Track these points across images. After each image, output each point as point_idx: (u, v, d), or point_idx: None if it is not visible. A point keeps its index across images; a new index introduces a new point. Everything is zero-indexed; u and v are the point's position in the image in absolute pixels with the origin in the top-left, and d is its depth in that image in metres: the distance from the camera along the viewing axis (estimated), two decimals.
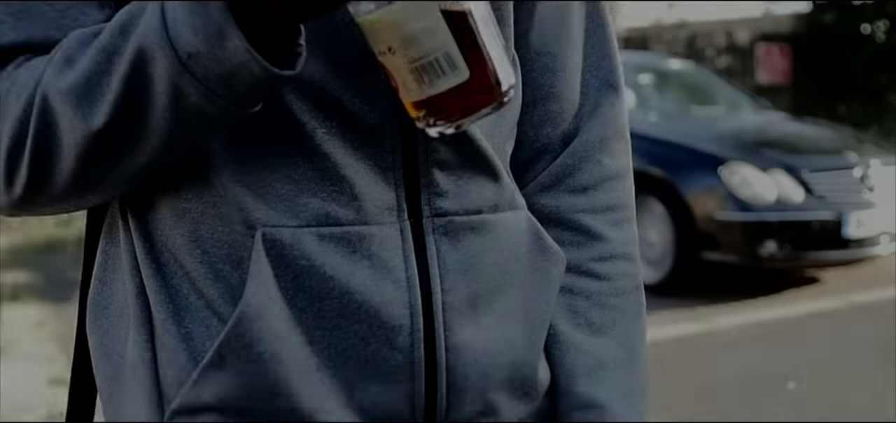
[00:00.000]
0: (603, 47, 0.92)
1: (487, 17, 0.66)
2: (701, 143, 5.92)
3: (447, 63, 0.63)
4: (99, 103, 0.65)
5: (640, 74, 7.49)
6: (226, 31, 0.61)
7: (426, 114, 0.66)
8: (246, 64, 0.61)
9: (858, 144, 6.42)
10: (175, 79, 0.62)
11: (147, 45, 0.62)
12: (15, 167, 0.70)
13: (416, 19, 0.62)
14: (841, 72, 13.26)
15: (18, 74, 0.69)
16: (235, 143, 0.73)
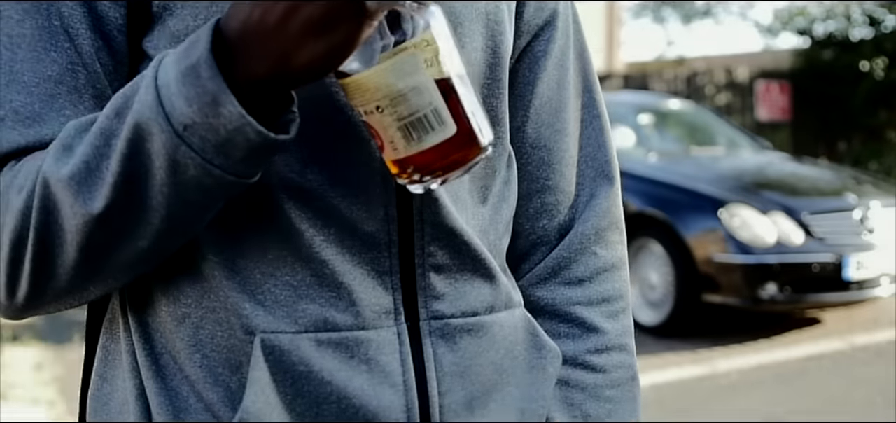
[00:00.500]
0: (598, 138, 0.93)
1: (464, 75, 0.68)
2: (700, 184, 5.94)
3: (435, 119, 0.65)
4: (99, 187, 0.66)
5: (639, 114, 7.53)
6: (220, 98, 0.62)
7: (413, 170, 0.67)
8: (241, 129, 0.62)
9: (858, 185, 6.43)
10: (172, 152, 0.63)
11: (143, 121, 0.64)
12: (19, 261, 0.70)
13: (405, 77, 0.64)
14: (840, 109, 13.31)
15: (21, 168, 0.71)
16: (235, 249, 0.74)
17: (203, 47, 0.63)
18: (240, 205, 0.73)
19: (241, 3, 0.63)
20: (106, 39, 0.74)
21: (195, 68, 0.62)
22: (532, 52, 0.89)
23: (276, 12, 0.61)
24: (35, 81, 0.71)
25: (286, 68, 0.63)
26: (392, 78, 0.64)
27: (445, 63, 0.65)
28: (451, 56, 0.66)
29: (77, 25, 0.72)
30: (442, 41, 0.65)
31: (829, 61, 13.76)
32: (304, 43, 0.62)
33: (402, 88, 0.64)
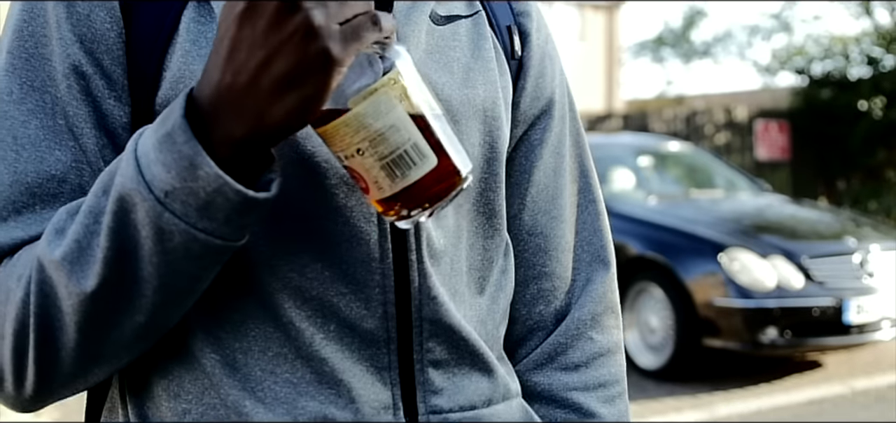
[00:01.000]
0: (594, 223, 0.95)
1: (436, 107, 0.69)
2: (700, 228, 5.95)
3: (416, 153, 0.66)
4: (91, 264, 0.67)
5: (639, 157, 7.56)
6: (196, 161, 0.63)
7: (400, 207, 0.68)
8: (220, 189, 0.64)
9: (857, 228, 6.45)
10: (156, 220, 0.65)
11: (126, 192, 0.65)
12: (23, 351, 0.71)
13: (382, 117, 0.65)
14: (839, 148, 13.35)
15: (20, 256, 0.72)
16: (236, 346, 0.75)
17: (177, 114, 0.64)
18: (241, 302, 0.74)
19: (212, 69, 0.65)
20: (111, 137, 0.75)
21: (170, 135, 0.64)
22: (529, 141, 0.91)
23: (246, 73, 0.63)
24: (38, 182, 0.73)
25: (262, 126, 0.64)
26: (369, 120, 0.65)
27: (416, 98, 0.66)
28: (421, 90, 0.67)
29: (82, 125, 0.74)
30: (409, 77, 0.67)
31: (828, 100, 13.82)
32: (277, 99, 0.63)
33: (380, 127, 0.65)
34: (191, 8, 0.75)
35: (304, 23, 0.61)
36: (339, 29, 0.62)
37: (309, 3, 0.61)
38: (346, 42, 0.62)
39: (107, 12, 0.75)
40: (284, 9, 0.61)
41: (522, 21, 0.92)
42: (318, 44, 0.61)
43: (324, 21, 0.61)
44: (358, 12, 0.63)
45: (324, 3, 0.62)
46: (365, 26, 0.63)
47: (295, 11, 0.61)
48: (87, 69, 0.74)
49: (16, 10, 0.76)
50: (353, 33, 0.63)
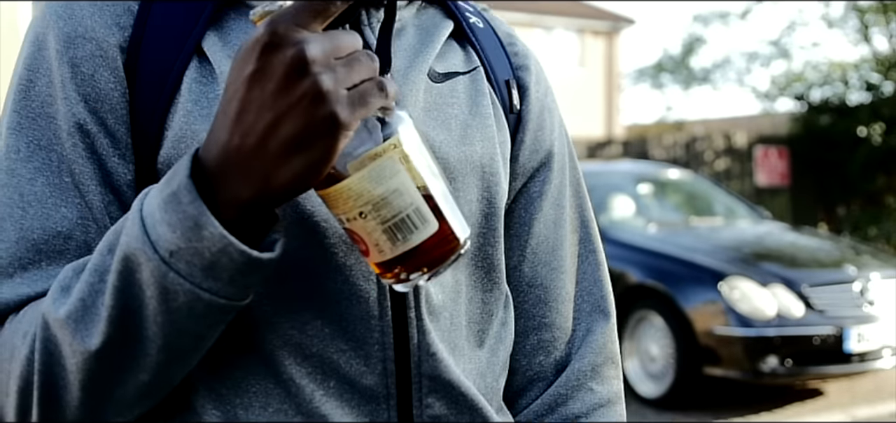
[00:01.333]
0: (594, 273, 0.95)
1: (436, 170, 0.69)
2: (700, 256, 5.95)
3: (418, 218, 0.67)
4: (95, 323, 0.67)
5: (639, 184, 7.57)
6: (201, 222, 0.64)
7: (400, 270, 0.69)
8: (225, 249, 0.64)
9: (856, 256, 6.45)
10: (161, 279, 0.65)
11: (131, 252, 0.65)
12: (27, 409, 0.71)
13: (385, 181, 0.66)
14: (839, 174, 13.37)
15: (25, 313, 0.73)
16: (238, 403, 0.75)
17: (183, 175, 0.65)
18: (242, 359, 0.75)
19: (219, 130, 0.65)
20: (116, 194, 0.76)
21: (176, 195, 0.64)
22: (528, 193, 0.92)
23: (254, 136, 0.63)
24: (44, 239, 0.74)
25: (269, 188, 0.64)
26: (373, 184, 0.66)
27: (417, 163, 0.67)
28: (422, 155, 0.68)
29: (88, 182, 0.75)
30: (411, 143, 0.67)
31: (827, 127, 13.86)
32: (285, 162, 0.63)
33: (383, 192, 0.66)
34: (193, 68, 0.77)
35: (312, 87, 0.62)
36: (347, 94, 0.63)
37: (318, 68, 0.62)
38: (354, 107, 0.63)
39: (111, 72, 0.76)
40: (294, 73, 0.62)
41: (521, 75, 0.93)
42: (326, 108, 0.62)
43: (332, 86, 0.62)
44: (365, 78, 0.64)
45: (332, 68, 0.62)
46: (372, 92, 0.64)
47: (304, 75, 0.62)
48: (92, 128, 0.75)
49: (21, 68, 0.77)
50: (361, 99, 0.63)
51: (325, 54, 0.62)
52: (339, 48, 0.63)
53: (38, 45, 0.77)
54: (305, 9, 0.62)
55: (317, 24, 0.63)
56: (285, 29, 0.62)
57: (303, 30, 0.62)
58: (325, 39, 0.63)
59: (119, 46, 0.77)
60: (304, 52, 0.61)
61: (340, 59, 0.63)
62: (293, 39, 0.62)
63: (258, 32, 0.63)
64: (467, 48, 0.90)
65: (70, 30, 0.76)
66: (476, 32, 0.91)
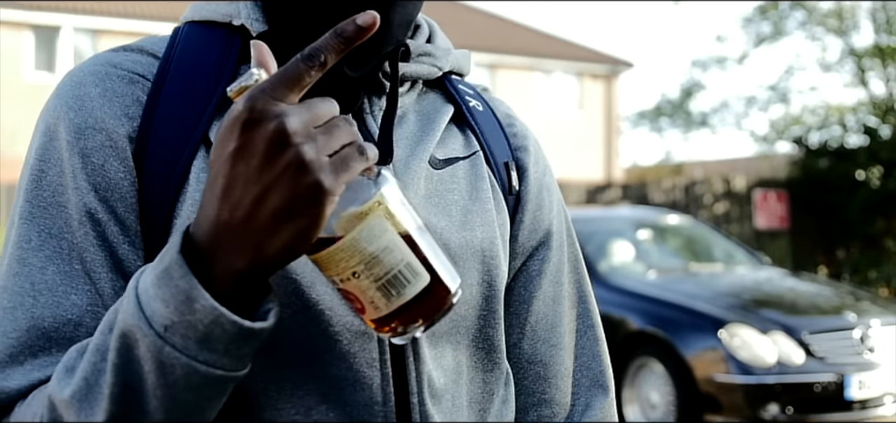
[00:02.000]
0: (593, 348, 0.97)
1: (422, 225, 0.71)
2: (700, 303, 5.96)
3: (409, 273, 0.68)
4: (98, 401, 0.68)
5: (638, 230, 7.59)
6: (193, 295, 0.65)
7: (397, 324, 0.70)
8: (217, 321, 0.65)
9: (856, 302, 6.45)
10: (157, 354, 0.66)
11: (127, 329, 0.67)
12: None
13: (375, 240, 0.67)
14: (838, 217, 13.41)
15: (34, 396, 0.74)
16: None
17: (173, 251, 0.66)
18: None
19: (207, 206, 0.67)
20: (126, 280, 0.78)
21: (168, 271, 0.66)
22: (527, 272, 0.94)
23: (242, 209, 0.65)
24: (55, 326, 0.75)
25: (260, 258, 0.66)
26: (364, 244, 0.67)
27: (402, 218, 0.69)
28: (406, 210, 0.70)
29: (98, 269, 0.77)
30: (394, 199, 0.69)
31: (825, 170, 13.91)
32: (274, 232, 0.65)
33: (374, 250, 0.67)
34: (200, 158, 0.79)
35: (295, 158, 0.63)
36: (329, 161, 0.64)
37: (298, 139, 0.63)
38: (337, 173, 0.64)
39: (120, 162, 0.78)
40: (275, 146, 0.63)
41: (520, 156, 0.95)
42: (310, 177, 0.63)
43: (314, 155, 0.63)
44: (345, 143, 0.65)
45: (312, 137, 0.64)
46: (353, 157, 0.65)
47: (286, 148, 0.63)
48: (103, 216, 0.77)
49: (33, 158, 0.79)
50: (343, 164, 0.65)
51: (305, 124, 0.64)
52: (317, 116, 0.65)
53: (50, 135, 0.79)
54: (281, 81, 0.64)
55: (293, 95, 0.64)
56: (263, 104, 0.63)
57: (280, 102, 0.64)
58: (303, 110, 0.64)
59: (128, 137, 0.79)
60: (284, 124, 0.63)
61: (319, 127, 0.65)
62: (272, 113, 0.63)
63: (237, 109, 0.64)
64: (467, 132, 0.92)
65: (80, 121, 0.79)
66: (475, 116, 0.93)
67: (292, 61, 0.65)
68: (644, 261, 7.11)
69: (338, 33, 0.65)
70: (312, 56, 0.64)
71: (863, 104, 15.29)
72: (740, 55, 16.80)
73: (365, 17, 0.66)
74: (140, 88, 0.81)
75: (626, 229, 7.49)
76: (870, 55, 15.17)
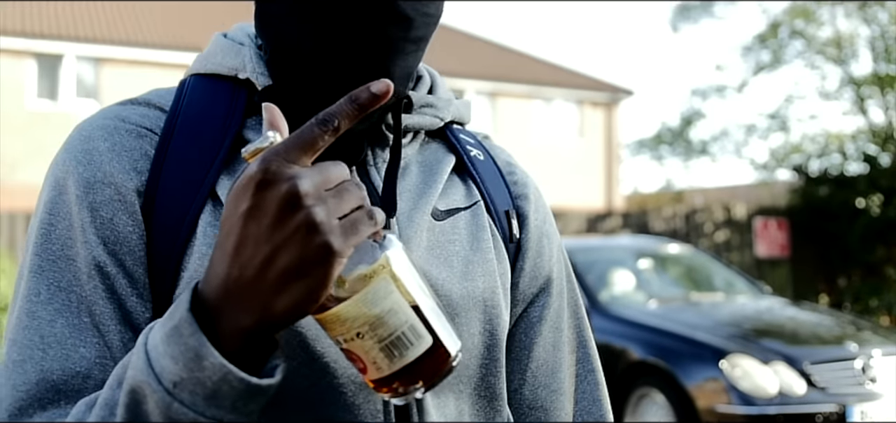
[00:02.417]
0: (593, 392, 0.98)
1: (425, 288, 0.72)
2: (700, 333, 5.95)
3: (412, 335, 0.69)
4: None
5: (639, 259, 7.59)
6: (201, 353, 0.66)
7: (398, 385, 0.71)
8: (226, 378, 0.66)
9: (858, 331, 6.44)
10: (166, 410, 0.67)
11: (136, 384, 0.68)
12: None
13: (380, 302, 0.68)
14: (838, 245, 13.41)
15: None
16: None
17: (183, 308, 0.67)
18: None
19: (217, 264, 0.68)
20: (135, 333, 0.79)
21: (177, 328, 0.67)
22: (528, 318, 0.95)
23: (252, 268, 0.66)
24: (64, 378, 0.76)
25: (268, 316, 0.67)
26: (368, 305, 0.68)
27: (407, 281, 0.70)
28: (411, 274, 0.71)
29: (107, 322, 0.78)
30: (400, 262, 0.70)
31: (825, 198, 13.93)
32: (282, 291, 0.66)
33: (379, 312, 0.68)
34: (207, 212, 0.80)
35: (306, 220, 0.64)
36: (339, 223, 0.66)
37: (310, 201, 0.65)
38: (346, 235, 0.66)
39: (129, 216, 0.79)
40: (288, 207, 0.64)
41: (520, 203, 0.97)
42: (320, 238, 0.65)
43: (325, 217, 0.65)
44: (354, 206, 0.67)
45: (324, 200, 0.65)
46: (362, 220, 0.67)
47: (297, 209, 0.64)
48: (111, 269, 0.79)
49: (42, 212, 0.81)
50: (352, 227, 0.66)
51: (316, 187, 0.65)
52: (328, 179, 0.66)
53: (59, 189, 0.81)
54: (295, 145, 0.66)
55: (306, 158, 0.66)
56: (277, 166, 0.65)
57: (293, 165, 0.65)
58: (314, 173, 0.66)
59: (136, 190, 0.80)
60: (297, 187, 0.64)
61: (330, 190, 0.66)
62: (285, 175, 0.65)
63: (251, 170, 0.66)
64: (468, 181, 0.94)
65: (89, 175, 0.80)
66: (476, 165, 0.95)
67: (307, 126, 0.66)
68: (645, 290, 7.12)
69: (352, 100, 0.67)
70: (327, 121, 0.66)
71: (862, 132, 15.34)
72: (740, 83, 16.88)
73: (379, 86, 0.67)
74: (148, 142, 0.83)
75: (626, 258, 7.50)
76: (869, 83, 15.24)
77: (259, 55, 0.88)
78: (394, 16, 0.81)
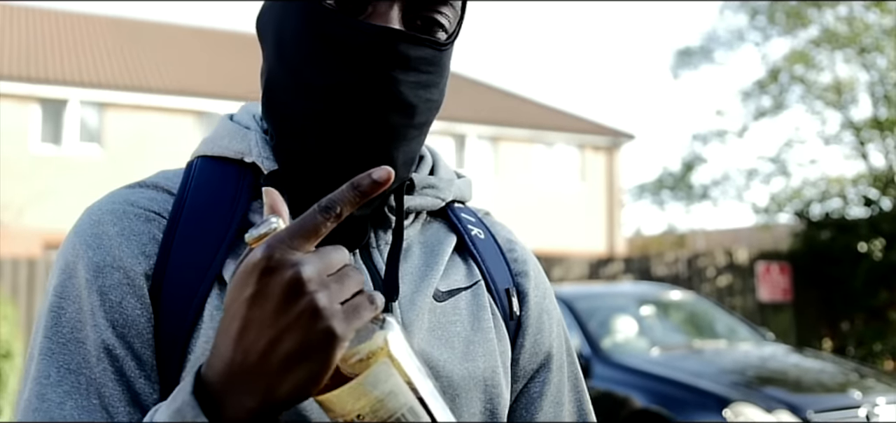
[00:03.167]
0: None
1: (422, 368, 0.73)
2: (703, 381, 5.93)
3: (412, 416, 0.70)
4: None
5: (641, 306, 7.59)
6: None
7: None
8: None
9: (861, 379, 6.42)
10: None
11: None
12: None
13: (380, 385, 0.69)
14: (841, 289, 13.38)
15: None
16: None
17: (187, 391, 0.69)
18: None
19: (221, 347, 0.69)
20: (143, 414, 0.80)
21: (180, 411, 0.68)
22: (528, 394, 0.96)
23: (256, 353, 0.67)
24: None
25: (272, 399, 0.68)
26: (369, 388, 0.69)
27: (406, 364, 0.71)
28: (409, 357, 0.72)
29: (116, 403, 0.80)
30: (398, 345, 0.71)
31: (827, 242, 13.93)
32: (286, 374, 0.67)
33: (379, 394, 0.69)
34: (214, 296, 0.82)
35: (309, 305, 0.66)
36: (341, 308, 0.67)
37: (313, 287, 0.66)
38: (348, 320, 0.67)
39: (137, 300, 0.81)
40: (291, 293, 0.66)
41: (520, 281, 0.98)
42: (323, 323, 0.66)
43: (327, 302, 0.66)
44: (355, 291, 0.69)
45: (326, 285, 0.67)
46: (363, 305, 0.68)
47: (300, 295, 0.66)
48: (120, 352, 0.80)
49: (52, 296, 0.82)
50: (354, 311, 0.68)
51: (319, 273, 0.67)
52: (330, 265, 0.68)
53: (68, 273, 0.83)
54: (298, 232, 0.67)
55: (309, 244, 0.68)
56: (281, 253, 0.67)
57: (296, 252, 0.67)
58: (317, 259, 0.67)
59: (145, 274, 0.82)
60: (300, 273, 0.66)
61: (332, 276, 0.68)
62: (289, 262, 0.66)
63: (255, 256, 0.67)
64: (469, 261, 0.96)
65: (99, 259, 0.82)
66: (477, 244, 0.96)
67: (309, 212, 0.68)
68: (647, 337, 7.11)
69: (354, 186, 0.69)
70: (329, 208, 0.68)
71: (863, 176, 15.37)
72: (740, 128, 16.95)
73: (380, 173, 0.69)
74: (156, 226, 0.85)
75: (629, 305, 7.50)
76: (869, 128, 15.29)
77: (264, 139, 0.90)
78: (397, 103, 0.84)
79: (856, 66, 15.52)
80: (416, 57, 0.84)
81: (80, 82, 16.90)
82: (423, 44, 0.84)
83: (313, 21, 0.83)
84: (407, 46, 0.83)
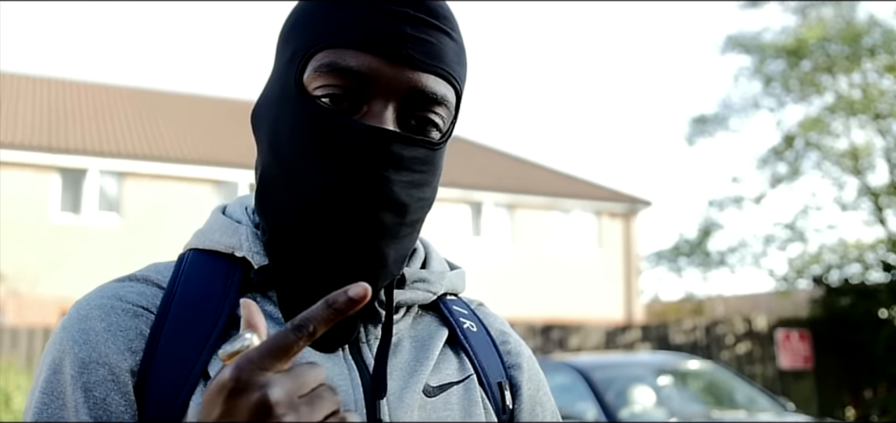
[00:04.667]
0: None
1: None
2: None
3: None
4: None
5: (659, 376, 7.51)
6: None
7: None
8: None
9: None
10: None
11: None
12: None
13: None
14: (863, 356, 13.20)
15: None
16: None
17: None
18: None
19: None
20: None
21: None
22: None
23: None
24: None
25: None
26: None
27: None
28: None
29: None
30: None
31: (847, 308, 13.77)
32: None
33: None
34: (198, 393, 0.81)
35: (260, 401, 0.64)
36: (297, 401, 0.64)
37: (281, 410, 0.63)
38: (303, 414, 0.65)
39: (122, 396, 0.81)
40: (258, 415, 0.64)
41: (513, 374, 0.97)
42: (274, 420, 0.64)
43: (281, 396, 0.64)
44: (328, 413, 0.66)
45: (295, 407, 0.64)
46: (322, 397, 0.66)
47: (267, 418, 0.64)
48: None
49: (38, 393, 0.82)
50: (311, 404, 0.65)
51: (288, 395, 0.64)
52: (302, 385, 0.66)
53: (54, 369, 0.83)
54: (269, 352, 0.65)
55: (280, 364, 0.66)
56: (248, 374, 0.65)
57: (266, 372, 0.65)
58: (288, 379, 0.65)
59: (130, 370, 0.82)
60: (267, 396, 0.64)
61: (304, 397, 0.65)
62: (257, 383, 0.64)
63: (224, 376, 0.66)
64: (461, 354, 0.94)
65: (85, 355, 0.82)
66: (469, 337, 0.95)
67: (282, 331, 0.66)
68: (666, 407, 7.01)
69: (329, 304, 0.67)
70: (302, 326, 0.66)
71: (881, 242, 15.23)
72: (757, 195, 16.88)
73: (356, 290, 0.67)
74: (144, 322, 0.84)
75: (646, 374, 7.42)
76: (887, 193, 15.21)
77: (255, 234, 0.90)
78: (390, 202, 0.83)
79: (871, 132, 15.50)
80: (410, 157, 0.84)
81: (100, 152, 17.11)
82: (417, 144, 0.84)
83: (308, 119, 0.83)
84: (401, 147, 0.83)
